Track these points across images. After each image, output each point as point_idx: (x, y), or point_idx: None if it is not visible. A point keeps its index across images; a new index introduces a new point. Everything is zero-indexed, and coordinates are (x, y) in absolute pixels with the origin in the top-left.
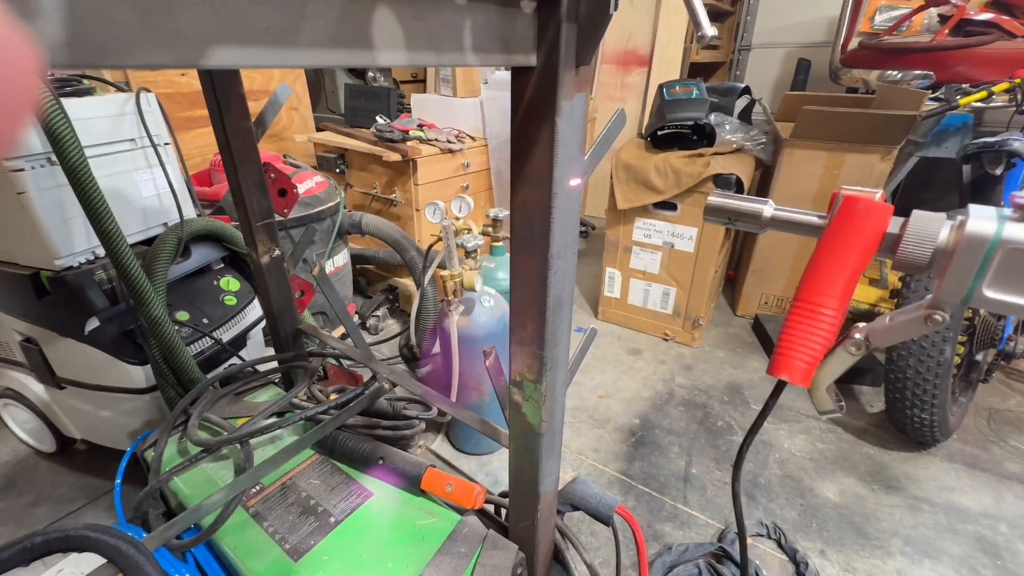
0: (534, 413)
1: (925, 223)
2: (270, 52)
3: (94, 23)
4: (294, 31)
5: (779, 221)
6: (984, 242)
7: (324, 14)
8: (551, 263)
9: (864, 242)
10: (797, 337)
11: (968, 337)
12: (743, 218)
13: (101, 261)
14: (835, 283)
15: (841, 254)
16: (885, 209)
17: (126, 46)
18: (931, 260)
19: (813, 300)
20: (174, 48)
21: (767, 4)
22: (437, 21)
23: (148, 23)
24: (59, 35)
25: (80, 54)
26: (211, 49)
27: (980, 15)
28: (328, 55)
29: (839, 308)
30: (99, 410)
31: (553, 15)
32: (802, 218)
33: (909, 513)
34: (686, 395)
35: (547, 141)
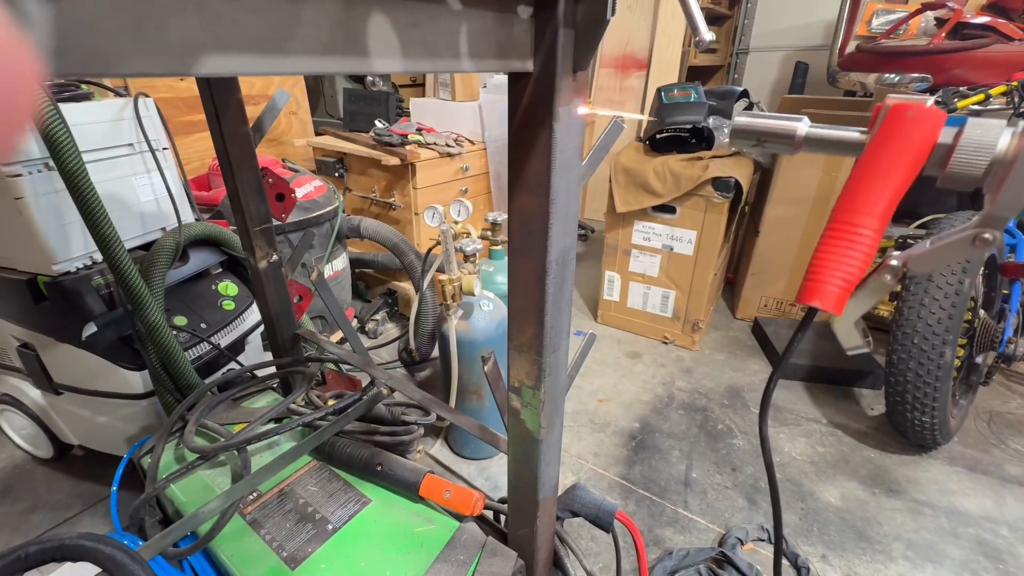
0: (533, 419)
1: (983, 130)
2: (263, 60)
3: (83, 32)
4: (287, 39)
5: (814, 139)
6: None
7: (318, 21)
8: (549, 269)
9: (912, 154)
10: (832, 260)
11: (968, 340)
12: (774, 138)
13: (99, 266)
14: (877, 201)
15: (886, 168)
16: (938, 115)
17: (116, 55)
18: (987, 171)
19: (851, 220)
20: (165, 57)
21: (764, 8)
22: (433, 27)
23: (138, 32)
24: (48, 43)
25: (70, 63)
26: (202, 57)
27: (977, 18)
28: (322, 62)
29: (878, 230)
30: (96, 416)
31: (550, 20)
32: (842, 135)
33: (910, 517)
34: (686, 398)
35: (544, 147)
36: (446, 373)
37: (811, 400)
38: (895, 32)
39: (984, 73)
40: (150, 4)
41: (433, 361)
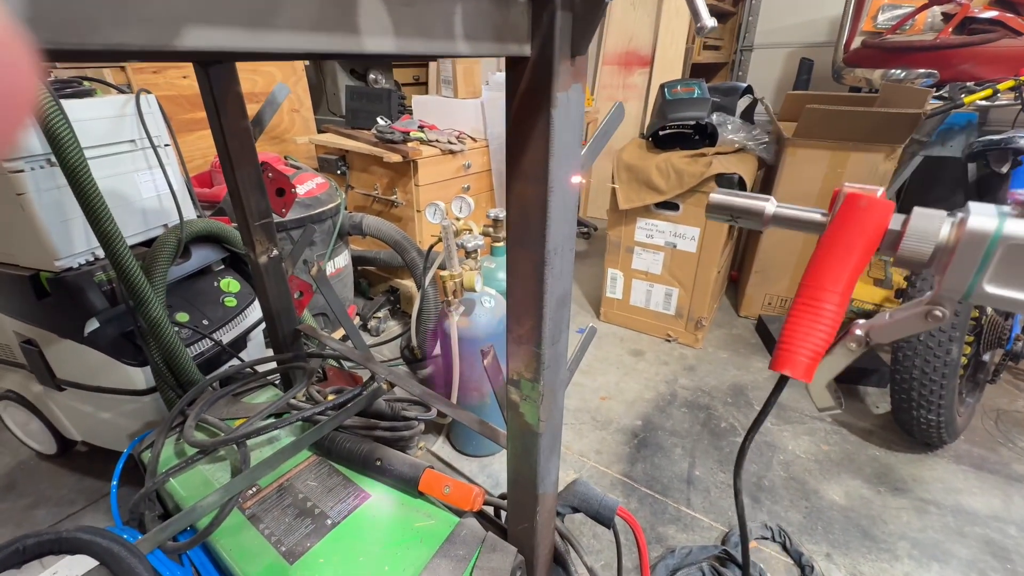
0: (532, 413)
1: (926, 220)
2: (249, 34)
3: None
4: (275, 12)
5: (781, 218)
6: (984, 238)
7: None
8: (548, 259)
9: (866, 239)
10: (800, 333)
11: (975, 337)
12: (745, 215)
13: (101, 262)
14: (837, 280)
15: (843, 251)
16: (886, 206)
17: (92, 24)
18: (932, 257)
19: (815, 296)
20: (144, 28)
21: (769, 4)
22: (427, 7)
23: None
24: (21, 11)
25: (44, 32)
26: (185, 29)
27: (984, 13)
28: (311, 39)
29: (841, 304)
30: (99, 412)
31: (547, 3)
32: (804, 215)
33: (916, 515)
34: (689, 396)
35: (542, 133)
36: (447, 369)
37: None
38: (901, 27)
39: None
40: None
41: (435, 358)
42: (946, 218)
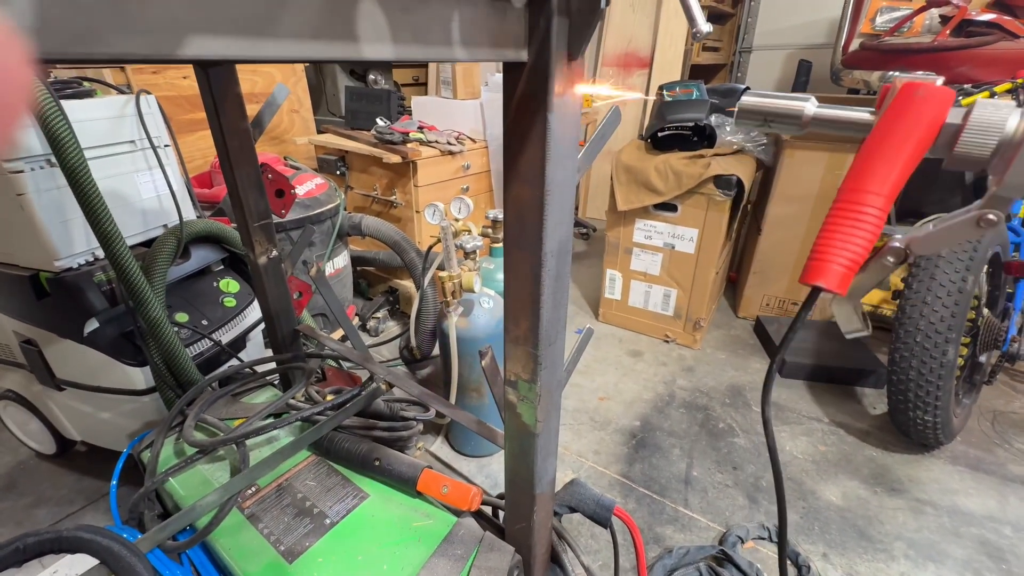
0: (529, 413)
1: (992, 111)
2: (249, 43)
3: (65, 9)
4: (275, 21)
5: (822, 120)
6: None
7: (307, 4)
8: (544, 260)
9: (920, 132)
10: (837, 240)
11: (971, 338)
12: (780, 119)
13: (101, 262)
14: (884, 180)
15: (894, 147)
16: (947, 95)
17: (98, 34)
18: (995, 152)
19: (857, 200)
20: (148, 37)
21: (768, 6)
22: (424, 14)
23: (121, 10)
24: (30, 22)
25: (51, 42)
26: (187, 39)
27: (982, 15)
28: (311, 47)
29: (884, 208)
30: (99, 412)
31: (544, 8)
32: (849, 115)
33: (912, 516)
34: (687, 397)
35: (539, 136)
36: (446, 370)
37: (813, 399)
38: (899, 30)
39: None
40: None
41: (434, 359)
42: (1015, 108)
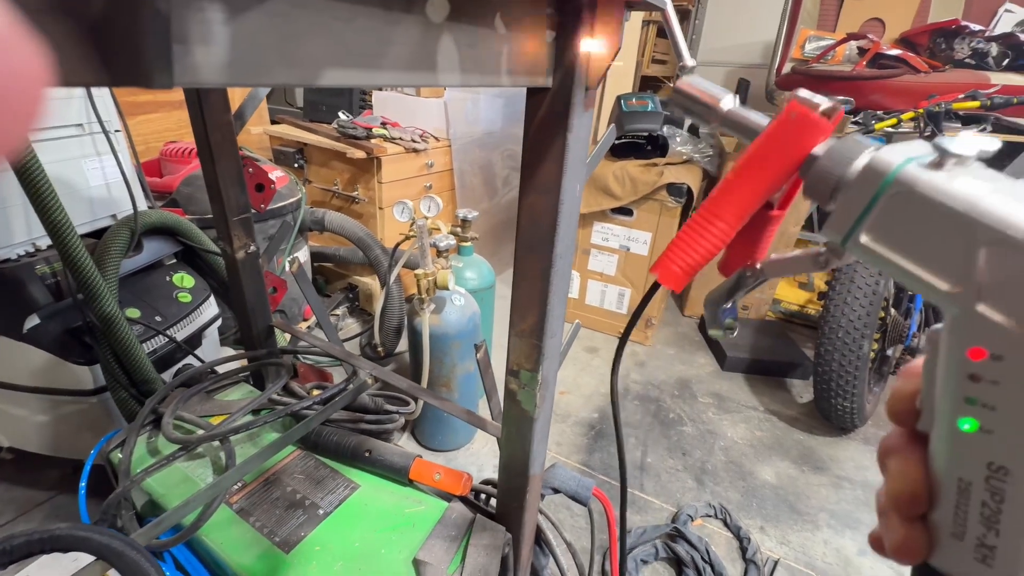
0: (529, 400)
1: (849, 146)
2: (365, 73)
3: (247, 48)
4: (383, 55)
5: (732, 119)
6: (879, 177)
7: (404, 42)
8: (555, 262)
9: (784, 158)
10: (681, 244)
11: (881, 335)
12: (700, 106)
13: (43, 254)
14: (737, 198)
15: (755, 166)
16: (818, 126)
17: (267, 67)
18: (834, 189)
19: (710, 211)
20: (299, 69)
21: (711, 25)
22: (484, 48)
23: (283, 49)
24: (222, 59)
25: (235, 74)
26: (324, 70)
27: (891, 50)
28: (405, 76)
29: (734, 224)
30: (35, 415)
31: (570, 45)
32: (750, 119)
33: (833, 490)
34: (640, 390)
35: (558, 153)
36: (416, 366)
37: (750, 390)
38: (824, 57)
39: (897, 100)
40: (293, 27)
41: (398, 356)
42: (870, 149)
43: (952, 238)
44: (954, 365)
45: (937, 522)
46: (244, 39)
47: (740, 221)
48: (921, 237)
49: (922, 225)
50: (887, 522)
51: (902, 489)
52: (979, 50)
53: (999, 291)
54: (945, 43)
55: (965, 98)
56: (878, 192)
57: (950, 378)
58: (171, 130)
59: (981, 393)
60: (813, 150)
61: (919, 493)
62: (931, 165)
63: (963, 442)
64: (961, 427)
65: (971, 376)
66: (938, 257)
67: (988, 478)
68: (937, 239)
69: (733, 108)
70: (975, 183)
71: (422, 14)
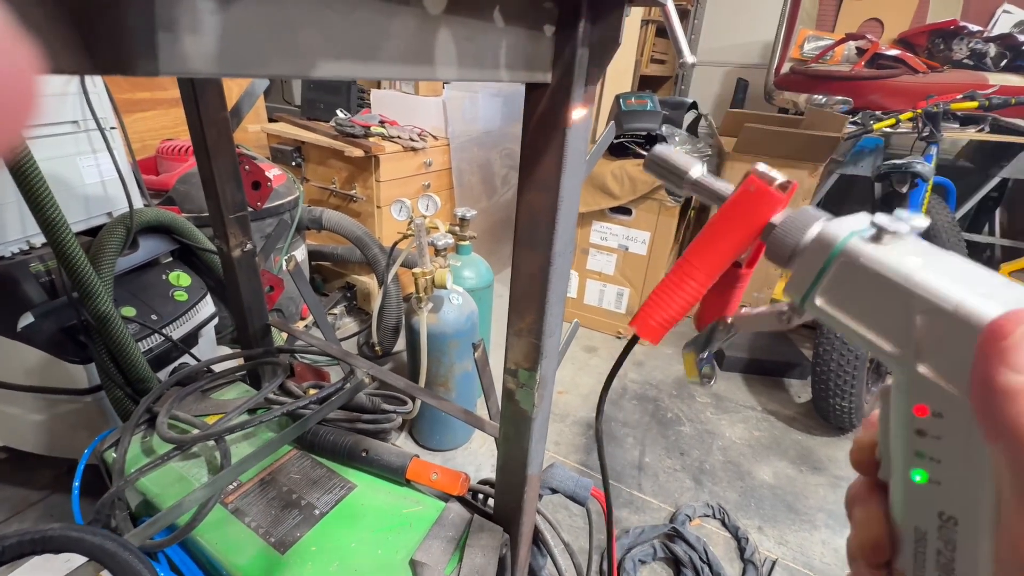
0: (527, 399)
1: (802, 218)
2: (361, 65)
3: (238, 38)
4: (379, 48)
5: (699, 186)
6: (828, 248)
7: (401, 34)
8: (554, 260)
9: (745, 225)
10: (658, 299)
11: None
12: (670, 175)
13: (38, 251)
14: (706, 259)
15: (720, 231)
16: (774, 199)
17: (259, 58)
18: (791, 255)
19: (683, 270)
20: (293, 61)
21: (710, 25)
22: (482, 41)
23: (277, 39)
24: (212, 48)
25: (226, 64)
26: (319, 62)
27: (890, 51)
28: (401, 69)
29: (704, 282)
30: (29, 414)
31: (570, 40)
32: (719, 187)
33: (831, 490)
34: (638, 390)
35: (557, 150)
36: (414, 365)
37: (748, 390)
38: (823, 58)
39: (895, 100)
40: (288, 17)
41: (396, 355)
42: (821, 220)
43: (892, 305)
44: (902, 420)
45: (900, 569)
46: (236, 29)
47: (711, 279)
48: (867, 302)
49: (867, 292)
50: (856, 569)
51: (866, 538)
52: (977, 51)
53: (935, 354)
54: (943, 44)
55: (963, 99)
56: (827, 260)
57: (900, 432)
58: (168, 128)
59: (927, 447)
60: (771, 219)
61: (881, 542)
62: (871, 239)
63: (916, 493)
64: (913, 479)
65: (918, 431)
66: (882, 321)
67: (940, 527)
68: (880, 305)
69: (701, 177)
70: (910, 257)
71: (419, 6)
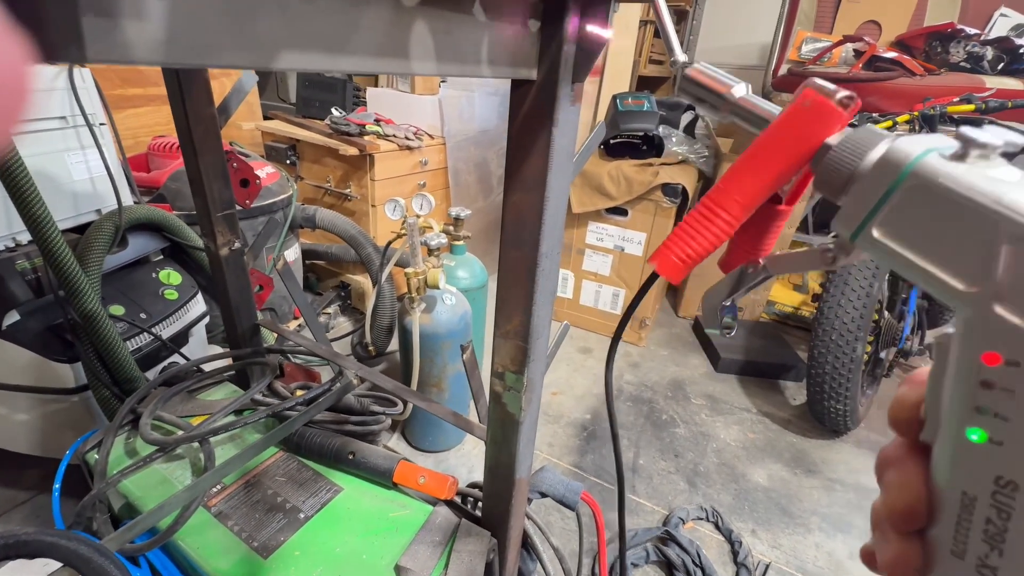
0: (514, 403)
1: (866, 137)
2: (328, 57)
3: (189, 25)
4: (349, 40)
5: (741, 108)
6: (897, 168)
7: (373, 26)
8: (540, 261)
9: (795, 147)
10: (683, 234)
11: (875, 337)
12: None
13: (23, 249)
14: (744, 188)
15: (765, 155)
16: (834, 115)
17: (213, 48)
18: (848, 181)
19: (716, 201)
20: (251, 51)
21: (708, 26)
22: (462, 35)
23: (232, 28)
24: (160, 35)
25: (175, 52)
26: (281, 53)
27: (887, 53)
28: (374, 63)
29: (737, 217)
30: (14, 413)
31: (556, 35)
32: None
33: (825, 493)
34: (633, 391)
35: (543, 149)
36: (407, 366)
37: (743, 392)
38: (820, 59)
39: (892, 102)
40: (245, 4)
41: (389, 355)
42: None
43: (972, 234)
44: (965, 370)
45: (936, 539)
46: (185, 15)
47: (745, 213)
48: (938, 233)
49: (939, 220)
50: (882, 536)
51: (900, 502)
52: (974, 54)
53: (1020, 292)
54: (941, 46)
55: (960, 101)
56: (894, 184)
57: (960, 384)
58: (160, 124)
59: (993, 402)
60: (827, 140)
61: (918, 507)
62: (953, 157)
63: (970, 453)
64: (969, 437)
65: (983, 383)
66: (955, 254)
67: (995, 493)
68: (955, 235)
69: (745, 96)
70: (1000, 176)
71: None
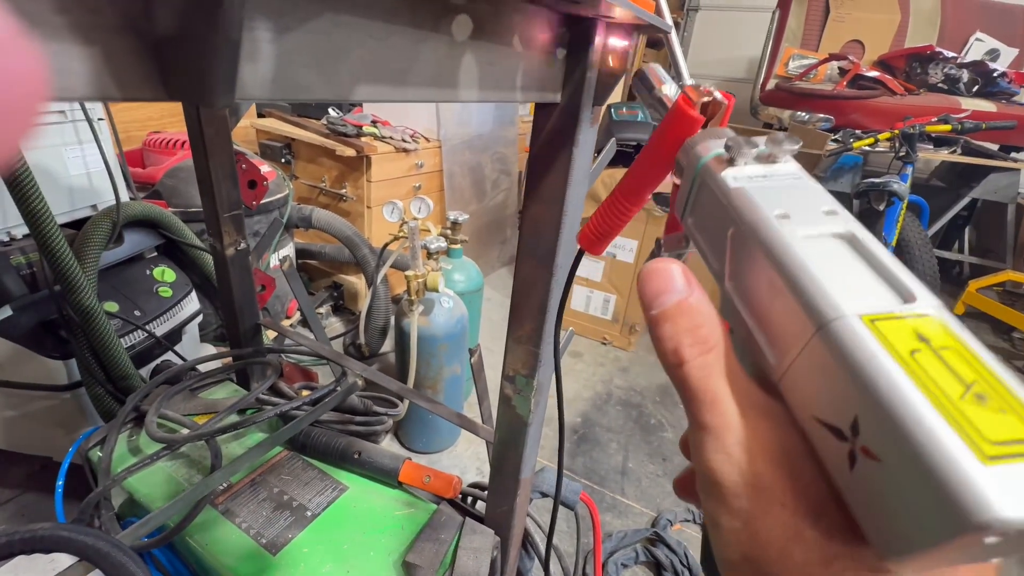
0: (523, 405)
1: (698, 137)
2: (394, 89)
3: (289, 66)
4: (410, 72)
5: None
6: (693, 166)
7: (430, 60)
8: (555, 271)
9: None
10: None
11: None
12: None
13: (19, 243)
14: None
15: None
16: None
17: (305, 84)
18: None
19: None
20: (335, 86)
21: (698, 39)
22: (502, 65)
23: (323, 66)
24: (268, 74)
25: (278, 89)
26: (358, 87)
27: (870, 72)
28: (429, 92)
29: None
30: (2, 410)
31: (580, 62)
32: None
33: None
34: (623, 395)
35: (564, 166)
36: (403, 367)
37: None
38: (806, 76)
39: (875, 120)
40: (333, 45)
41: (382, 356)
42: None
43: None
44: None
45: None
46: (288, 56)
47: (641, 200)
48: (709, 222)
49: (710, 212)
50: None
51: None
52: (951, 75)
53: (736, 273)
54: (920, 67)
55: (938, 121)
56: (693, 179)
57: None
58: (154, 119)
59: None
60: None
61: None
62: (725, 160)
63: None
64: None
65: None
66: (713, 239)
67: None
68: (714, 224)
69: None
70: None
71: (447, 32)
